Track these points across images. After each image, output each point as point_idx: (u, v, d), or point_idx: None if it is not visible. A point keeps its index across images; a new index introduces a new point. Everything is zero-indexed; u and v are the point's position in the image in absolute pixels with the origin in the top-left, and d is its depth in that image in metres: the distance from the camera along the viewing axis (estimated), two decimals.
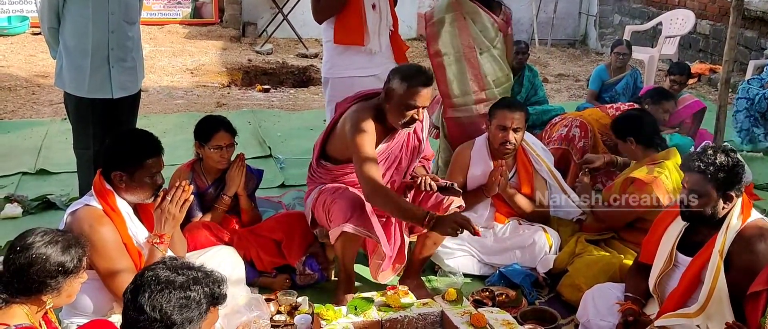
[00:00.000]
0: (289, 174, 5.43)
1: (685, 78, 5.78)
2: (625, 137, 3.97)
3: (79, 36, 4.00)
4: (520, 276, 3.75)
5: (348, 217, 3.35)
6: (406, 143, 3.65)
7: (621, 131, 4.02)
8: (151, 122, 6.40)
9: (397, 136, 3.59)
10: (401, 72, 3.44)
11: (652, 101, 5.12)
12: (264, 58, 10.08)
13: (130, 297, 1.99)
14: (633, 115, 4.25)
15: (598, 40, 11.80)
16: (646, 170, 3.76)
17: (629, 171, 3.91)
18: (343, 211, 3.37)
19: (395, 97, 3.39)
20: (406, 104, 3.36)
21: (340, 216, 3.37)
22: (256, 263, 3.69)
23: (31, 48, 9.79)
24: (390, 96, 3.41)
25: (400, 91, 3.37)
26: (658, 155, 3.84)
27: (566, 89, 9.06)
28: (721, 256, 2.79)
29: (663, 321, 2.87)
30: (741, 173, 2.85)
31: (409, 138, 3.66)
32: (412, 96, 3.35)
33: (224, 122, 3.77)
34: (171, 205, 2.90)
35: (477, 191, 4.02)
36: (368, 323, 3.05)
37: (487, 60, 4.39)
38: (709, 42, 9.56)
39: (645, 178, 3.68)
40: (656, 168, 3.72)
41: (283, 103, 7.92)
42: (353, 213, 3.35)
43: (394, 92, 3.39)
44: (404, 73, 3.42)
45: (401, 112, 3.39)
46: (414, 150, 3.71)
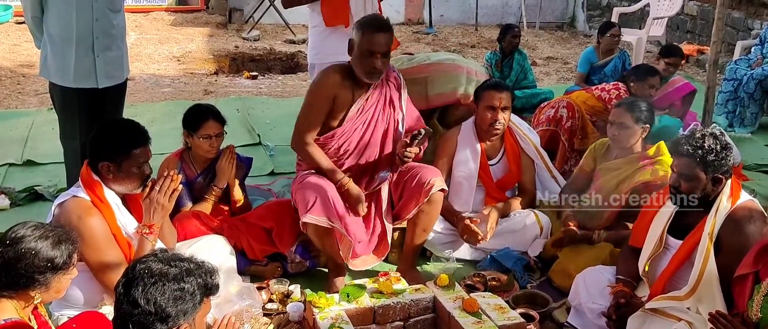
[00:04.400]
0: (278, 162, 5.40)
1: (679, 60, 5.79)
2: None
3: (62, 25, 3.94)
4: (511, 261, 3.76)
5: (309, 207, 3.37)
6: (378, 102, 3.64)
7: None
8: (138, 111, 6.34)
9: (371, 95, 3.60)
10: (359, 22, 3.55)
11: (636, 78, 5.08)
12: (251, 45, 10.01)
13: (122, 290, 1.97)
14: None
15: (586, 23, 11.79)
16: (649, 172, 3.63)
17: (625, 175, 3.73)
18: (305, 201, 3.40)
19: (355, 47, 3.47)
20: (363, 50, 3.43)
21: (303, 207, 3.40)
22: (246, 251, 3.68)
23: (15, 37, 9.66)
24: (351, 47, 3.50)
25: (357, 39, 3.45)
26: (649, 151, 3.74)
27: (555, 72, 9.06)
28: (711, 239, 2.80)
29: (654, 304, 2.89)
30: (730, 156, 2.86)
31: (384, 99, 3.65)
32: (369, 42, 3.41)
33: (213, 110, 3.75)
34: (160, 195, 2.88)
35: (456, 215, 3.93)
36: (361, 310, 3.04)
37: None
38: (696, 23, 9.57)
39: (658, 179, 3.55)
40: (656, 167, 3.63)
41: (271, 90, 7.87)
42: (314, 203, 3.37)
43: (353, 43, 3.48)
44: (361, 21, 3.53)
45: (361, 61, 3.45)
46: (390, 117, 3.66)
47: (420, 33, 11.34)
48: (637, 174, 3.67)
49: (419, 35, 11.21)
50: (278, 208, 3.82)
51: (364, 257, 3.68)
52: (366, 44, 3.42)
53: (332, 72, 3.58)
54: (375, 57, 3.42)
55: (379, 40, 3.43)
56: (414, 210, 3.58)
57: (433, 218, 3.67)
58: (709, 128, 2.93)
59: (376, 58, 3.43)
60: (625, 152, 3.79)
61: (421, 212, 3.59)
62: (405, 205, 3.64)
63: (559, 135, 4.97)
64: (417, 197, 3.56)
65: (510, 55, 6.60)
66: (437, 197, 3.59)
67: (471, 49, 10.22)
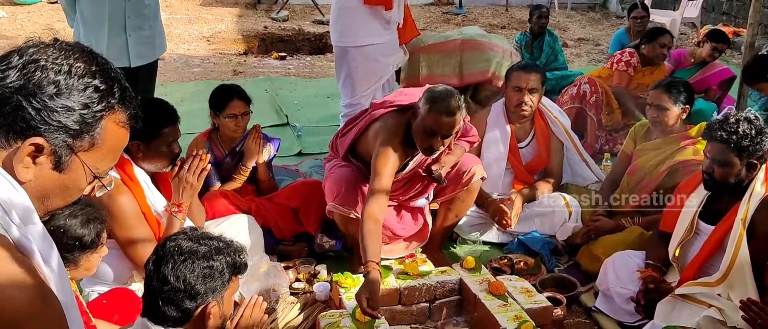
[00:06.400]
0: (306, 142, 5.42)
1: (725, 47, 5.72)
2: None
3: (94, 4, 3.98)
4: (539, 244, 3.74)
5: (334, 195, 3.35)
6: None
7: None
8: (168, 91, 6.41)
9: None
10: (431, 92, 3.14)
11: (647, 40, 5.22)
12: (280, 25, 10.04)
13: (152, 267, 1.99)
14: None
15: (618, 4, 11.61)
16: (691, 151, 3.59)
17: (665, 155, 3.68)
18: (331, 189, 3.39)
19: (419, 117, 3.13)
20: (427, 128, 3.08)
21: (330, 195, 3.39)
22: (274, 231, 3.70)
23: (47, 17, 9.80)
24: (415, 114, 3.16)
25: (423, 111, 3.10)
26: (690, 131, 3.71)
27: (586, 53, 8.94)
28: (743, 224, 2.75)
29: (684, 290, 2.84)
30: (765, 141, 2.79)
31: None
32: (436, 123, 3.05)
33: (238, 90, 3.76)
34: (188, 174, 2.90)
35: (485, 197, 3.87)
36: (387, 291, 3.05)
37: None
38: (733, 4, 9.36)
39: (700, 158, 3.35)
40: (697, 146, 3.56)
41: (299, 70, 7.89)
42: (340, 192, 3.35)
43: (419, 112, 3.13)
44: (433, 95, 3.10)
45: (421, 136, 3.12)
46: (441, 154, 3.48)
47: (449, 13, 11.26)
48: (678, 154, 3.64)
49: (449, 16, 11.13)
50: (305, 188, 3.83)
51: (392, 246, 3.66)
52: (431, 124, 3.06)
53: (394, 147, 3.18)
54: (436, 138, 3.10)
55: (447, 123, 3.06)
56: (450, 195, 3.57)
57: (467, 205, 3.65)
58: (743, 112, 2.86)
59: (437, 139, 3.10)
60: (665, 134, 3.75)
61: (457, 198, 3.57)
62: (442, 189, 3.60)
63: (586, 112, 4.97)
64: (456, 184, 3.53)
65: (540, 37, 6.53)
66: (476, 186, 3.57)
67: (501, 30, 10.12)
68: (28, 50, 1.23)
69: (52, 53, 1.23)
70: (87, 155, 1.28)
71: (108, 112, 1.27)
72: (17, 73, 1.19)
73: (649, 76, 5.26)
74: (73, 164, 1.27)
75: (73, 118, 1.22)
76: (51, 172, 1.25)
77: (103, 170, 1.34)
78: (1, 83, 1.19)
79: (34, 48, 1.23)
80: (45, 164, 1.24)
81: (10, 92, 1.18)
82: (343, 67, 4.46)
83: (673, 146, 3.69)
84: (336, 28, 4.42)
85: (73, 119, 1.22)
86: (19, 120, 1.19)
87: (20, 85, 1.19)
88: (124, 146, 1.38)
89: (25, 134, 1.20)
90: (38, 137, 1.20)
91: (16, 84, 1.19)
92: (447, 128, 3.07)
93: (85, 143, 1.26)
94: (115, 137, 1.31)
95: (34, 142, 1.20)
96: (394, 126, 3.26)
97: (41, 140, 1.20)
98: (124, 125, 1.33)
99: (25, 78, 1.19)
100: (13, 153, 1.21)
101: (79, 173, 1.29)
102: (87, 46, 1.30)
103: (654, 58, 5.23)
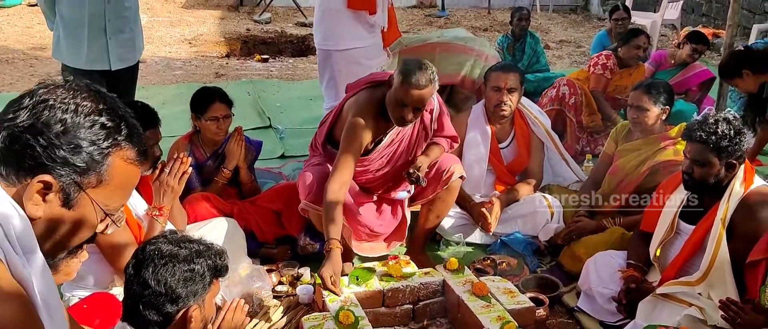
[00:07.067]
0: (288, 145, 5.40)
1: (705, 48, 5.78)
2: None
3: (74, 7, 3.94)
4: (521, 245, 3.75)
5: (306, 193, 3.35)
6: (411, 136, 3.50)
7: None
8: (150, 94, 6.36)
9: (402, 129, 3.44)
10: (405, 64, 3.23)
11: (623, 42, 5.30)
12: (262, 28, 10.01)
13: (132, 271, 1.98)
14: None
15: (600, 6, 11.69)
16: (671, 151, 3.63)
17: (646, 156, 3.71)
18: (303, 187, 3.38)
19: (392, 89, 3.21)
20: (399, 99, 3.17)
21: (303, 192, 3.38)
22: (256, 234, 3.69)
23: (27, 20, 9.71)
24: (389, 85, 3.24)
25: (396, 83, 3.18)
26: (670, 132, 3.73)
27: (568, 55, 8.99)
28: (723, 224, 2.77)
29: (665, 289, 2.87)
30: (743, 141, 2.83)
31: (414, 131, 3.49)
32: (406, 95, 3.14)
33: (220, 93, 3.74)
34: (169, 177, 2.89)
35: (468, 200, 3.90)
36: (370, 293, 3.05)
37: None
38: (712, 6, 9.47)
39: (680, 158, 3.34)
40: (678, 147, 3.59)
41: (282, 73, 7.87)
42: (312, 189, 3.33)
43: (393, 82, 3.21)
44: (406, 68, 3.17)
45: (393, 106, 3.20)
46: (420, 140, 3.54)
47: (432, 16, 11.29)
48: (658, 154, 3.67)
49: (431, 18, 11.16)
50: (288, 191, 3.82)
51: (372, 243, 3.66)
52: (402, 96, 3.14)
53: (365, 119, 3.28)
54: (407, 109, 3.18)
55: (417, 96, 3.15)
56: (430, 196, 3.57)
57: (448, 205, 3.65)
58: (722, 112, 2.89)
59: (408, 110, 3.18)
60: (645, 134, 3.77)
61: (438, 198, 3.57)
62: (423, 190, 3.61)
63: (565, 113, 5.01)
64: (436, 184, 3.54)
65: (521, 39, 6.56)
66: (455, 185, 3.57)
67: (483, 33, 10.16)
68: (38, 92, 1.28)
69: (61, 94, 1.27)
70: (96, 192, 1.30)
71: (115, 149, 1.30)
72: (27, 113, 1.24)
73: (628, 78, 5.31)
74: (82, 201, 1.29)
75: (81, 155, 1.25)
76: (61, 209, 1.28)
77: (114, 208, 1.36)
78: (12, 123, 1.24)
79: (44, 89, 1.28)
80: (54, 202, 1.27)
81: (19, 131, 1.23)
82: (326, 70, 4.45)
83: (654, 146, 3.72)
84: (319, 31, 4.42)
85: (80, 157, 1.25)
86: (27, 158, 1.23)
87: (29, 124, 1.23)
88: (135, 184, 1.41)
89: (34, 171, 1.23)
90: (46, 174, 1.24)
91: (26, 123, 1.24)
92: (417, 101, 3.16)
93: (93, 180, 1.29)
94: (123, 173, 1.33)
95: (43, 179, 1.23)
96: (367, 100, 3.33)
97: (49, 177, 1.24)
98: (132, 162, 1.35)
99: (34, 117, 1.24)
100: (23, 189, 1.24)
101: (88, 210, 1.31)
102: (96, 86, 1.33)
103: (629, 59, 5.28)
